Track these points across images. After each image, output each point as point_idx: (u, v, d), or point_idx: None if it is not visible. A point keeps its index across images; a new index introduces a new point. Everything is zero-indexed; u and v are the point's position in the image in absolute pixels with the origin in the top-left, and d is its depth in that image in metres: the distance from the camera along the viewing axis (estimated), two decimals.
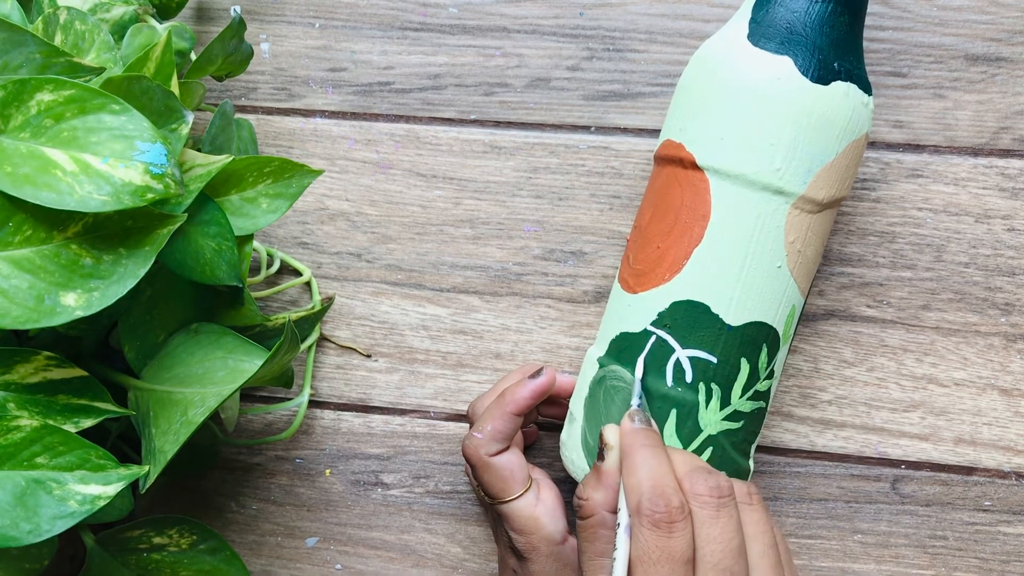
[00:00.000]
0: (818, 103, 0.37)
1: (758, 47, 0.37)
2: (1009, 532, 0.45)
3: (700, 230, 0.38)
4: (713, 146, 0.37)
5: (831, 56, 0.37)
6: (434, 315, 0.49)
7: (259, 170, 0.41)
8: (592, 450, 0.40)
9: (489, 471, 0.40)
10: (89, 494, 0.34)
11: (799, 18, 0.37)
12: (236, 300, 0.42)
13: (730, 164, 0.37)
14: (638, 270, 0.39)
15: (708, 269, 0.38)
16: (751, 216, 0.37)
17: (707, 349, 0.38)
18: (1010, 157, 0.44)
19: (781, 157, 0.37)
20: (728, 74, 0.37)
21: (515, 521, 0.40)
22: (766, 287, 0.38)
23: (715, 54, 0.38)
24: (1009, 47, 0.44)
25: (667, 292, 0.38)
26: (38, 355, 0.37)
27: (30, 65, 0.35)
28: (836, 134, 0.37)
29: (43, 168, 0.33)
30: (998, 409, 0.45)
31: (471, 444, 0.41)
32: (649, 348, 0.38)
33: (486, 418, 0.41)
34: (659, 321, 0.38)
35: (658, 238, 0.39)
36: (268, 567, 0.50)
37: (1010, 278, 0.45)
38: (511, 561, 0.41)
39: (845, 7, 0.38)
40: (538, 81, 0.47)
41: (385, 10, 0.49)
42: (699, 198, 0.38)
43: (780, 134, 0.37)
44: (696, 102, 0.38)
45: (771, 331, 0.39)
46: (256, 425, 0.51)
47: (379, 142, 0.49)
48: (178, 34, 0.44)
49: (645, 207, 0.40)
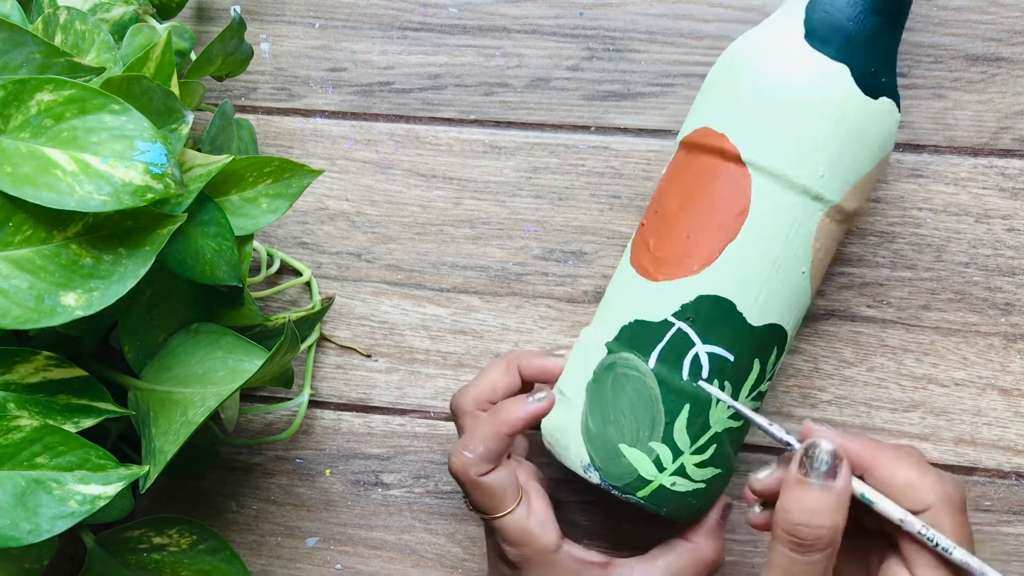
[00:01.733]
0: (866, 117, 0.37)
1: (817, 50, 0.37)
2: (1009, 532, 0.45)
3: (736, 225, 0.37)
4: (761, 143, 0.37)
5: (880, 70, 0.37)
6: (434, 315, 0.49)
7: (259, 170, 0.41)
8: (596, 437, 0.38)
9: (479, 489, 0.39)
10: (89, 494, 0.34)
11: (856, 28, 0.37)
12: (236, 300, 0.42)
13: (776, 163, 0.37)
14: (661, 258, 0.38)
15: (740, 266, 0.37)
16: (788, 218, 0.37)
17: (726, 347, 0.38)
18: (1010, 157, 0.44)
19: (825, 164, 0.37)
20: (785, 72, 0.37)
21: (507, 534, 0.39)
22: (789, 291, 0.38)
23: (770, 50, 0.37)
24: (1009, 47, 0.44)
25: (694, 284, 0.38)
26: (38, 355, 0.37)
27: (30, 65, 0.35)
28: (874, 149, 0.38)
29: (43, 168, 0.33)
30: (998, 409, 0.45)
31: (460, 464, 0.39)
32: (668, 339, 0.38)
33: (478, 437, 0.39)
34: (682, 313, 0.38)
35: (688, 227, 0.38)
36: (268, 567, 0.50)
37: (1010, 278, 0.45)
38: (502, 568, 0.40)
39: (896, 23, 0.38)
40: (538, 81, 0.47)
41: (385, 10, 0.49)
42: (739, 193, 0.37)
43: (828, 141, 0.36)
44: (745, 95, 0.37)
45: (784, 334, 0.39)
46: (256, 425, 0.51)
47: (379, 142, 0.49)
48: (178, 34, 0.44)
49: (670, 193, 0.39)
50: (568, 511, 0.47)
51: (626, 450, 0.38)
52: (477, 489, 0.39)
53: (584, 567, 0.39)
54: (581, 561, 0.39)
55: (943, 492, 0.31)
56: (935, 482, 0.32)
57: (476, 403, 0.41)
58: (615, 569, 0.40)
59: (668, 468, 0.38)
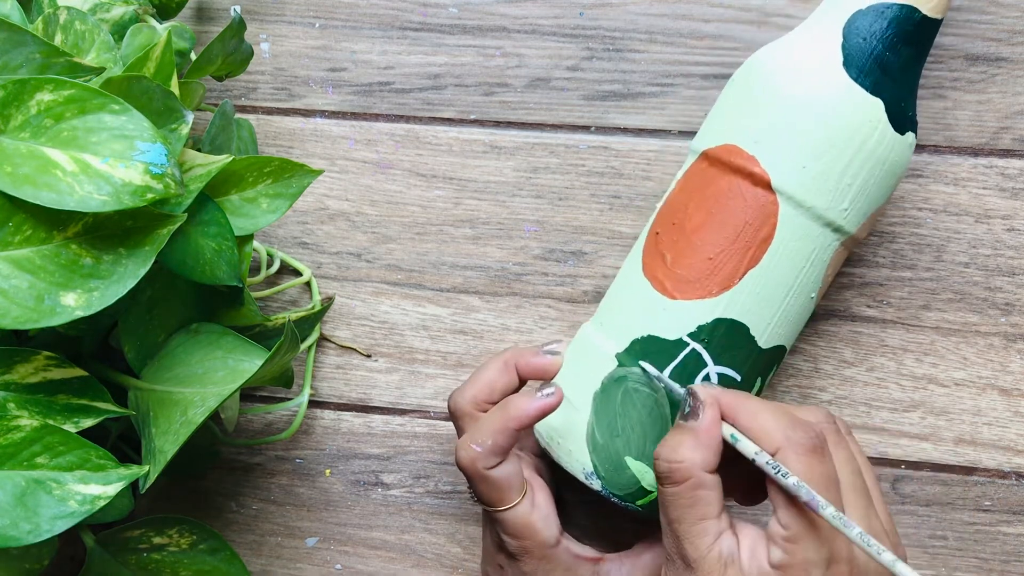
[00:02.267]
0: (893, 152, 0.37)
1: (855, 80, 0.36)
2: (1009, 532, 0.45)
3: (760, 252, 0.37)
4: (792, 172, 0.36)
5: (908, 104, 0.37)
6: (434, 315, 0.49)
7: (259, 170, 0.41)
8: (601, 449, 0.39)
9: (486, 483, 0.39)
10: (89, 494, 0.34)
11: (892, 59, 0.36)
12: (236, 300, 0.42)
13: (806, 194, 0.36)
14: (681, 276, 0.38)
15: (758, 292, 0.37)
16: (809, 247, 0.37)
17: (735, 368, 0.38)
18: (1010, 157, 0.44)
19: (851, 198, 0.37)
20: (823, 103, 0.36)
21: (509, 527, 0.39)
22: (798, 315, 0.39)
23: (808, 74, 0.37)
24: (1009, 47, 0.44)
25: (713, 307, 0.38)
26: (38, 355, 0.37)
27: (30, 65, 0.35)
28: (894, 182, 0.38)
29: (43, 168, 0.33)
30: (998, 409, 0.45)
31: (468, 456, 0.39)
32: (682, 359, 0.38)
33: (486, 430, 0.39)
34: (697, 335, 0.38)
35: (710, 249, 0.38)
36: (268, 567, 0.50)
37: (1010, 278, 0.45)
38: (500, 558, 0.41)
39: (923, 54, 0.38)
40: (538, 81, 0.47)
41: (385, 10, 0.49)
42: (766, 220, 0.37)
43: (857, 175, 0.36)
44: (777, 117, 0.37)
45: (784, 351, 0.40)
46: (256, 425, 0.51)
47: (379, 142, 0.49)
48: (178, 34, 0.44)
49: (692, 208, 0.39)
50: (570, 511, 0.47)
51: (631, 463, 0.38)
52: (484, 482, 0.39)
53: (578, 562, 0.40)
54: (576, 556, 0.40)
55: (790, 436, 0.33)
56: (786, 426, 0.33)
57: (474, 403, 0.41)
58: (605, 564, 0.41)
59: None
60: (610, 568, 0.41)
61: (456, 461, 0.40)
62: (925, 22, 0.36)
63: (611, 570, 0.41)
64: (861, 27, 0.36)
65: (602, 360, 0.39)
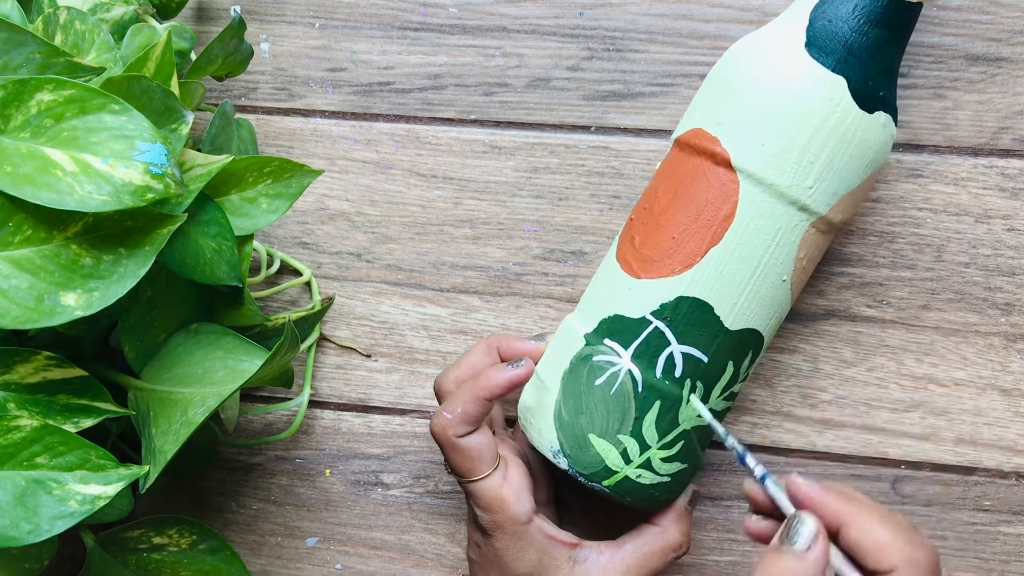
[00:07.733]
0: (859, 131, 0.37)
1: (816, 60, 0.36)
2: (1009, 532, 0.45)
3: (721, 230, 0.37)
4: (752, 150, 0.37)
5: (878, 84, 0.37)
6: (434, 315, 0.49)
7: (259, 170, 0.41)
8: (567, 425, 0.39)
9: (456, 451, 0.40)
10: (89, 494, 0.34)
11: (857, 39, 0.37)
12: (236, 300, 0.42)
13: (766, 172, 0.37)
14: (646, 256, 0.39)
15: (720, 271, 0.38)
16: (773, 227, 0.37)
17: (701, 348, 0.38)
18: (1010, 157, 0.44)
19: (815, 176, 0.37)
20: (783, 82, 0.37)
21: (481, 499, 0.40)
22: (768, 298, 0.39)
23: (771, 56, 0.37)
24: (1009, 47, 0.44)
25: (675, 285, 0.38)
26: (38, 355, 0.37)
27: (30, 65, 0.35)
28: (866, 163, 0.38)
29: (43, 168, 0.33)
30: (998, 409, 0.45)
31: (439, 423, 0.40)
32: (644, 337, 0.38)
33: (457, 399, 0.40)
34: (660, 312, 0.38)
35: (674, 228, 0.38)
36: (268, 567, 0.50)
37: (1010, 278, 0.45)
38: (476, 536, 0.42)
39: (899, 37, 0.37)
40: (538, 81, 0.47)
41: (385, 10, 0.49)
42: (726, 198, 0.37)
43: (820, 153, 0.36)
44: (740, 100, 0.37)
45: (760, 338, 0.40)
46: (256, 425, 0.51)
47: (379, 142, 0.49)
48: (178, 34, 0.44)
49: (661, 191, 0.39)
50: (570, 511, 0.47)
51: (595, 440, 0.39)
52: (454, 450, 0.40)
53: (552, 543, 0.40)
54: (551, 537, 0.40)
55: (910, 555, 0.32)
56: (904, 545, 0.32)
57: (456, 383, 0.42)
58: (582, 550, 0.41)
59: (634, 461, 0.38)
60: (588, 554, 0.40)
61: (430, 430, 0.41)
62: (897, 5, 0.37)
63: (588, 556, 0.40)
64: (827, 10, 0.37)
65: (574, 340, 0.40)
